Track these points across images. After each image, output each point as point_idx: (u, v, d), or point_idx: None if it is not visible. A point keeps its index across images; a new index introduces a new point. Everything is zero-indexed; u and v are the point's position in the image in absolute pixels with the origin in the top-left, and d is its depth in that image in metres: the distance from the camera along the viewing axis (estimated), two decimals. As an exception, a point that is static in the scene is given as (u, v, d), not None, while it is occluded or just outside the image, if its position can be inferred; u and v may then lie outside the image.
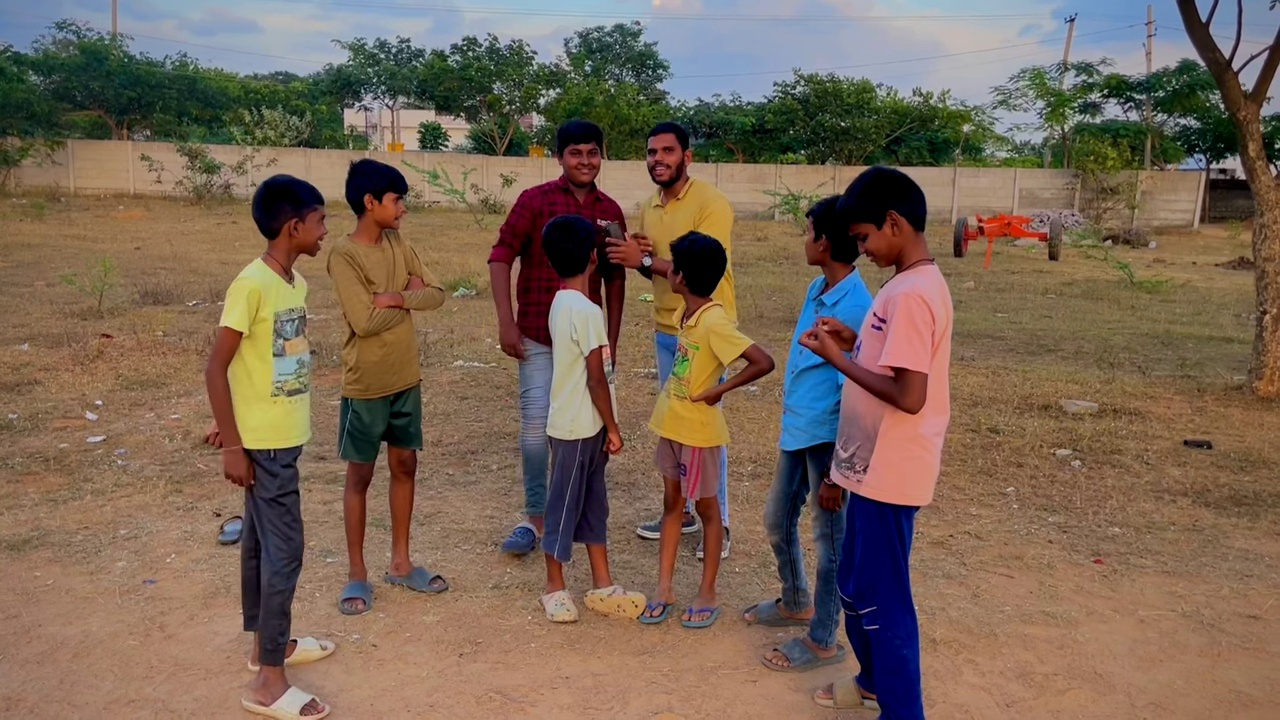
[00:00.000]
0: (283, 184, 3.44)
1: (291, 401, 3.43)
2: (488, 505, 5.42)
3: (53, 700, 3.39)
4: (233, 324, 3.28)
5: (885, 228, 3.06)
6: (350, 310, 3.98)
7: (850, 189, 3.14)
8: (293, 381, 3.44)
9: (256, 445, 3.37)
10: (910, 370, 2.93)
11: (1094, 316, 13.33)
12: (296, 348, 3.46)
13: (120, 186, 33.31)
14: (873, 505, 3.13)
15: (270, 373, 3.37)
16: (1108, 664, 3.85)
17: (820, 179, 34.38)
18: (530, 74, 40.79)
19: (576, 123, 4.82)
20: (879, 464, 3.08)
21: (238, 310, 3.27)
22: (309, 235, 3.46)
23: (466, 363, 8.95)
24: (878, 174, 3.12)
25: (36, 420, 6.64)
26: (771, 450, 6.46)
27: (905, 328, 2.93)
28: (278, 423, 3.40)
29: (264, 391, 3.36)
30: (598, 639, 3.93)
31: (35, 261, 15.20)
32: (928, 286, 2.98)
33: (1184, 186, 35.99)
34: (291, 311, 3.44)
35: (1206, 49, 8.22)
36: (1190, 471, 6.28)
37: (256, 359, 3.35)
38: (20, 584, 4.25)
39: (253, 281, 3.32)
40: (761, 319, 11.76)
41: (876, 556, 3.16)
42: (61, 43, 38.02)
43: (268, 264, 3.42)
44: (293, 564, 3.43)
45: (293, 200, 3.41)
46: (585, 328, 3.95)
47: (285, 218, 3.40)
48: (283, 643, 3.44)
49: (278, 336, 3.37)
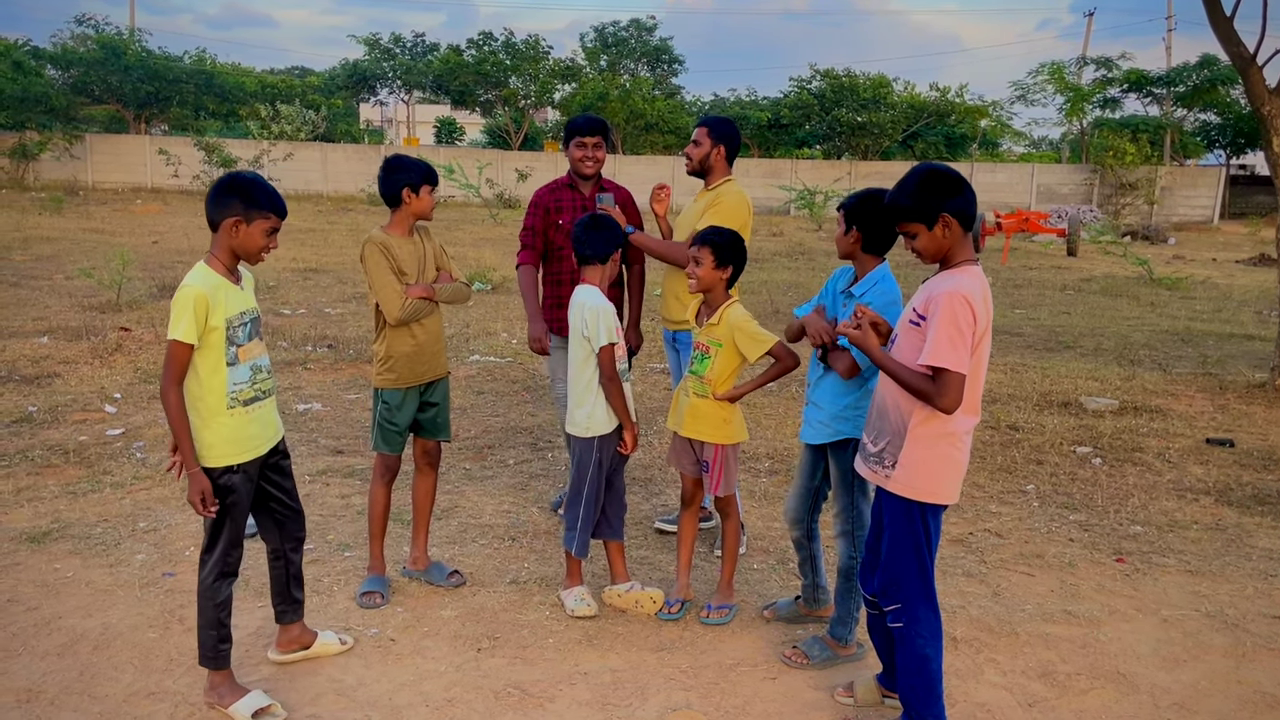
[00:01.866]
0: (243, 181, 3.23)
1: (249, 411, 3.26)
2: (505, 500, 5.41)
3: (73, 692, 3.40)
4: (180, 336, 3.07)
5: (937, 229, 2.99)
6: (383, 299, 3.99)
7: (902, 185, 3.04)
8: (247, 390, 3.26)
9: (217, 463, 3.20)
10: (950, 370, 2.89)
11: (1113, 313, 13.23)
12: (251, 352, 3.27)
13: (137, 180, 33.49)
14: (900, 502, 3.10)
15: (223, 384, 3.19)
16: (1131, 664, 3.81)
17: (836, 174, 34.27)
18: (545, 69, 40.76)
19: (582, 116, 4.91)
20: (909, 461, 3.05)
21: (185, 321, 3.07)
22: (251, 241, 3.21)
23: (483, 357, 8.95)
24: (931, 171, 3.02)
25: (56, 413, 6.67)
26: (789, 446, 6.44)
27: (948, 327, 2.89)
28: (235, 436, 3.23)
29: (218, 405, 3.18)
30: (616, 635, 3.92)
31: (54, 255, 15.28)
32: (972, 287, 2.94)
33: (1204, 182, 35.68)
34: (243, 315, 3.24)
35: (1230, 43, 8.13)
36: (1213, 470, 6.22)
37: (208, 371, 3.16)
38: (40, 576, 4.26)
39: (197, 288, 3.10)
40: (778, 314, 11.71)
41: (903, 554, 3.13)
42: (79, 37, 38.20)
43: (211, 266, 3.20)
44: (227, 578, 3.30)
45: (245, 198, 3.18)
46: (596, 324, 3.93)
47: (229, 214, 3.16)
48: (224, 650, 3.32)
49: (230, 344, 3.19)
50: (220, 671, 3.33)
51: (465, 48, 41.17)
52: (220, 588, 3.29)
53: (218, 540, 3.28)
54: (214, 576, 3.28)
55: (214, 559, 3.28)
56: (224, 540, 3.28)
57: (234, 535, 3.30)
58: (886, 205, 3.15)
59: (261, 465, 3.38)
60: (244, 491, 3.31)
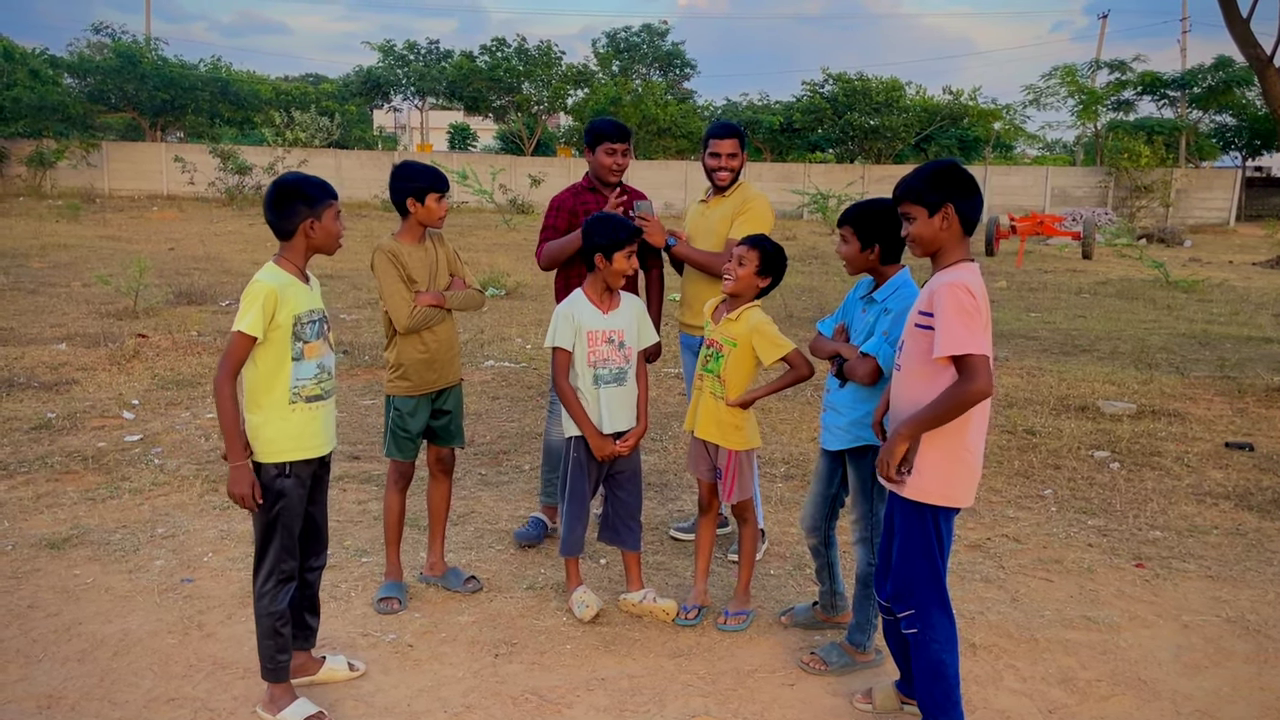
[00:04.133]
0: (294, 181, 3.25)
1: (311, 409, 3.26)
2: (520, 505, 5.42)
3: (93, 698, 3.41)
4: (246, 328, 3.09)
5: (936, 217, 3.02)
6: (392, 307, 4.00)
7: (917, 170, 3.10)
8: (312, 387, 3.26)
9: (275, 458, 3.19)
10: (974, 354, 2.89)
11: (1129, 316, 13.16)
12: (317, 351, 3.27)
13: (154, 188, 33.74)
14: (912, 506, 3.09)
15: (288, 378, 3.19)
16: (1152, 670, 3.78)
17: (849, 178, 34.20)
18: (558, 74, 40.84)
19: (608, 121, 4.79)
20: (922, 464, 3.04)
21: (252, 314, 3.09)
22: (327, 233, 3.26)
23: (497, 362, 8.96)
24: (950, 165, 3.08)
25: (74, 419, 6.71)
26: (805, 452, 6.42)
27: (957, 314, 2.89)
28: (297, 432, 3.22)
29: (281, 399, 3.18)
30: (633, 641, 3.92)
31: (71, 262, 15.39)
32: (969, 278, 2.96)
33: (1219, 184, 35.46)
34: (312, 313, 3.26)
35: (1247, 45, 8.10)
36: (1232, 474, 6.17)
37: (273, 365, 3.17)
38: (60, 582, 4.29)
39: (268, 284, 3.14)
40: (791, 319, 11.69)
41: (914, 559, 3.12)
42: (96, 45, 38.56)
43: (282, 266, 3.24)
44: (283, 586, 3.26)
45: (306, 198, 3.21)
46: (552, 325, 4.00)
47: (301, 217, 3.20)
48: (283, 660, 3.29)
49: (296, 340, 3.19)
50: (281, 684, 3.30)
51: (479, 54, 41.31)
52: (277, 597, 3.24)
53: (268, 549, 3.24)
54: (270, 585, 3.24)
55: (266, 568, 3.24)
56: (275, 548, 3.24)
57: (286, 543, 3.25)
58: (898, 185, 3.17)
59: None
60: (296, 496, 3.26)
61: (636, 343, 4.09)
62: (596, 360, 3.98)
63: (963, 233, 3.04)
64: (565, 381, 3.97)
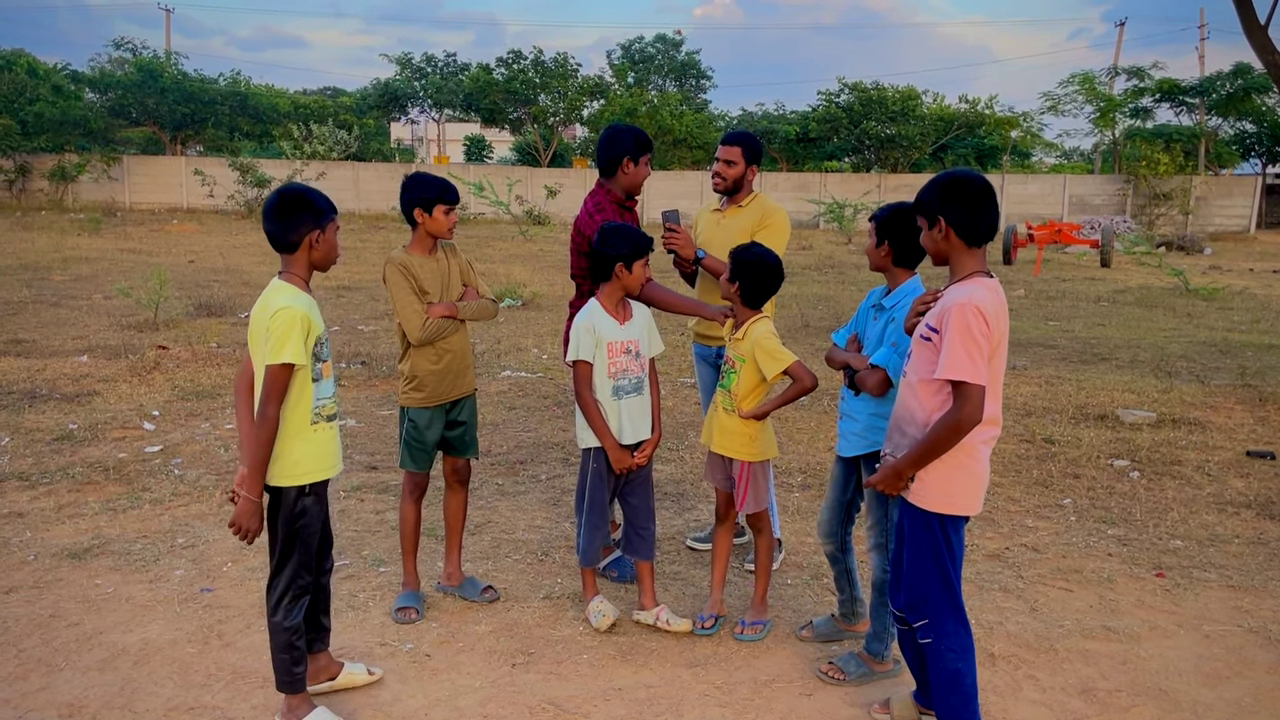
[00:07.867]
0: (299, 191, 3.19)
1: (330, 428, 3.28)
2: (537, 515, 5.43)
3: (114, 707, 3.44)
4: (292, 358, 3.05)
5: (934, 230, 3.05)
6: (404, 320, 4.02)
7: (930, 179, 3.13)
8: (330, 405, 3.28)
9: (301, 480, 3.19)
10: (969, 383, 2.89)
11: (1149, 324, 13.07)
12: (330, 370, 3.28)
13: (174, 201, 34.05)
14: (919, 513, 3.09)
15: (310, 399, 3.19)
16: (1173, 680, 3.75)
17: (865, 187, 34.16)
18: (574, 86, 41.00)
19: (641, 131, 4.63)
20: (926, 472, 3.04)
21: (293, 342, 3.04)
22: (330, 247, 3.22)
23: (514, 372, 8.99)
24: (954, 177, 3.06)
25: (96, 430, 6.77)
26: (821, 461, 6.41)
27: (963, 339, 2.88)
28: (319, 451, 3.23)
29: (304, 419, 3.18)
30: (650, 651, 3.91)
31: (92, 275, 15.54)
32: (984, 298, 2.93)
33: (1239, 191, 35.20)
34: (325, 333, 3.27)
35: (1265, 52, 8.06)
36: (1253, 483, 6.12)
37: (298, 388, 3.14)
38: (81, 591, 4.32)
39: (300, 310, 3.09)
40: (808, 328, 11.68)
41: (924, 568, 3.10)
42: (117, 60, 39.00)
43: (295, 284, 3.17)
44: (299, 600, 3.27)
45: (313, 210, 3.16)
46: (574, 339, 4.01)
47: (306, 229, 3.15)
48: (299, 673, 3.30)
49: (316, 360, 3.18)
50: (297, 694, 3.32)
51: (495, 66, 41.55)
52: (293, 611, 3.25)
53: (286, 565, 3.25)
54: (287, 600, 3.25)
55: (283, 583, 3.26)
56: (293, 564, 3.25)
57: (304, 559, 3.27)
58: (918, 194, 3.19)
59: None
60: (315, 515, 3.29)
61: (647, 352, 4.11)
62: (616, 371, 4.00)
63: (965, 245, 3.02)
64: (588, 393, 3.98)
